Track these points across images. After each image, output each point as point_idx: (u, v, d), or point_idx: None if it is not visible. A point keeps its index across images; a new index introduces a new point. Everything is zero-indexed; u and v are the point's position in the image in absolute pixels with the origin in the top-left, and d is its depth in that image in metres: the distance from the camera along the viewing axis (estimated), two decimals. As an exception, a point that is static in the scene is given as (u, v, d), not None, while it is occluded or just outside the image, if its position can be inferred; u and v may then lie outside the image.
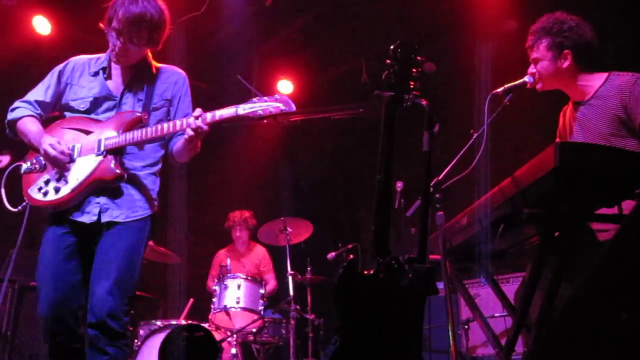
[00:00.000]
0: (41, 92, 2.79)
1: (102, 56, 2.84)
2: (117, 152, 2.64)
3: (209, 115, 2.53)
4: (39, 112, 2.78)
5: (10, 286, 5.05)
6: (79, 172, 2.62)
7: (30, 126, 2.73)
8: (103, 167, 2.61)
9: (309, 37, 6.11)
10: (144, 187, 2.72)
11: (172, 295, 6.03)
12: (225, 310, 4.61)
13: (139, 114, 2.67)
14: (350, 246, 5.09)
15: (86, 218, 2.59)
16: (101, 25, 2.72)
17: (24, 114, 2.76)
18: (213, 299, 4.75)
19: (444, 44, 5.68)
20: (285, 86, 6.67)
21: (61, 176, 2.63)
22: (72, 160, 2.65)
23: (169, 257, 5.16)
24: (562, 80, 2.66)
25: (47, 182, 2.65)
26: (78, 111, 2.74)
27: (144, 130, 2.61)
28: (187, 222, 7.23)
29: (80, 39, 5.97)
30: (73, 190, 2.59)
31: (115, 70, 2.79)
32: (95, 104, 2.73)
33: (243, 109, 2.52)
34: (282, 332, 4.89)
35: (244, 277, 4.80)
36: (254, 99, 2.54)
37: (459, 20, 5.25)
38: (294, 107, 2.51)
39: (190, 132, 2.53)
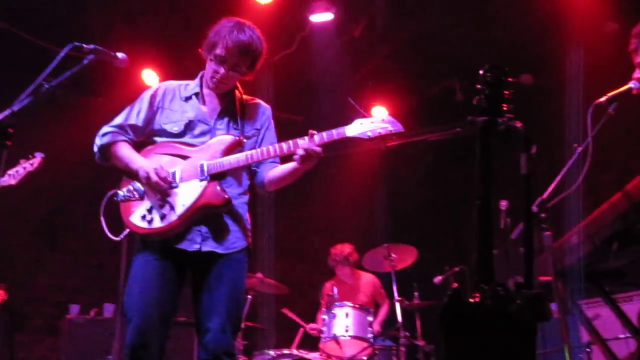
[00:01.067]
0: (133, 116, 2.74)
1: (191, 82, 2.82)
2: (219, 176, 2.57)
3: (316, 137, 2.46)
4: (130, 136, 2.73)
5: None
6: (185, 198, 2.53)
7: (126, 151, 2.67)
8: (209, 192, 2.53)
9: (399, 61, 6.15)
10: (240, 216, 2.66)
11: (282, 325, 6.16)
12: (335, 338, 4.65)
13: (238, 138, 2.62)
14: (456, 269, 4.97)
15: (187, 245, 2.53)
16: (200, 51, 2.73)
17: (117, 138, 2.70)
18: (322, 328, 4.80)
19: (539, 54, 5.50)
20: (379, 112, 6.72)
21: (165, 203, 2.54)
22: (173, 187, 2.57)
23: (277, 288, 5.30)
24: (671, 84, 2.49)
25: (150, 210, 2.57)
26: (170, 134, 2.70)
27: (248, 154, 2.55)
28: (294, 252, 7.42)
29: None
30: (180, 217, 2.51)
31: (208, 97, 2.76)
32: (189, 127, 2.68)
33: (351, 131, 2.47)
34: (392, 359, 4.84)
35: (351, 305, 4.82)
36: (359, 120, 2.48)
37: (553, 28, 5.07)
38: (402, 128, 2.48)
39: (301, 152, 2.45)
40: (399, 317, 4.88)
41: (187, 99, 2.76)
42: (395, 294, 5.01)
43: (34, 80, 2.21)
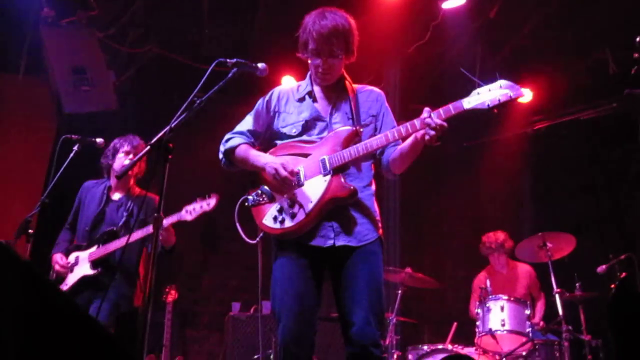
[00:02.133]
0: (251, 122, 2.85)
1: (302, 83, 2.88)
2: (342, 169, 2.60)
3: (434, 115, 2.41)
4: (252, 140, 2.83)
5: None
6: (311, 195, 2.59)
7: (250, 151, 2.77)
8: (334, 185, 2.57)
9: (540, 39, 5.77)
10: (367, 208, 2.67)
11: (435, 320, 6.09)
12: (491, 333, 4.49)
13: (354, 128, 2.64)
14: (622, 257, 4.56)
15: (321, 242, 2.57)
16: (298, 54, 2.78)
17: (240, 141, 2.81)
18: (477, 323, 4.66)
19: None
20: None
21: (294, 202, 2.61)
22: (300, 184, 2.63)
23: (428, 282, 5.24)
24: None
25: (280, 211, 2.63)
26: (290, 136, 2.75)
27: (367, 142, 2.57)
28: (442, 246, 7.29)
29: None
30: (309, 214, 2.56)
31: (319, 94, 2.81)
32: (307, 127, 2.74)
33: (468, 103, 2.40)
34: (555, 355, 4.55)
35: (507, 298, 4.63)
36: (476, 90, 2.41)
37: None
38: (521, 92, 2.38)
39: (430, 132, 2.40)
40: (560, 310, 4.58)
41: (301, 99, 2.82)
42: (554, 286, 4.72)
43: (186, 98, 2.41)
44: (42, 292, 0.96)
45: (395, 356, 4.86)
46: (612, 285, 1.75)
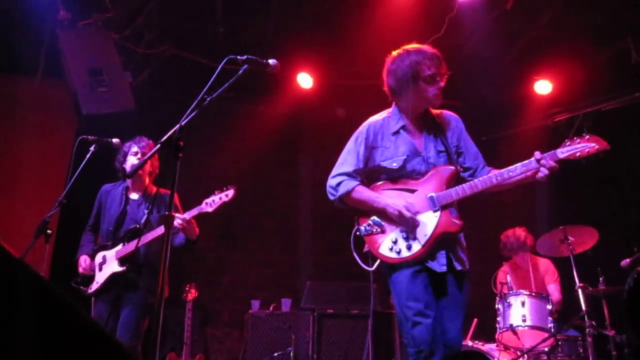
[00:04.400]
0: (354, 161, 3.03)
1: (392, 115, 3.07)
2: (449, 205, 2.89)
3: (543, 161, 2.80)
4: (359, 179, 3.04)
5: (311, 314, 5.66)
6: (425, 229, 2.86)
7: (367, 193, 2.98)
8: (445, 221, 2.86)
9: (560, 28, 5.66)
10: (461, 240, 3.01)
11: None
12: (512, 329, 4.43)
13: (454, 169, 2.93)
14: (647, 250, 4.45)
15: (438, 266, 2.86)
16: (392, 89, 2.99)
17: (353, 184, 3.00)
18: (498, 318, 4.60)
19: None
20: (542, 87, 6.28)
21: (408, 235, 2.88)
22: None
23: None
24: None
25: (395, 242, 2.90)
26: (390, 170, 2.98)
27: (474, 184, 2.86)
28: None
29: (339, 85, 6.55)
30: (424, 246, 2.85)
31: (410, 126, 3.03)
32: (407, 160, 2.95)
33: (562, 153, 2.80)
34: (578, 350, 4.48)
35: (528, 293, 4.56)
36: (567, 142, 2.79)
37: None
38: (607, 146, 2.76)
39: (545, 171, 2.79)
40: (583, 305, 4.49)
41: (395, 133, 3.02)
42: (577, 280, 4.63)
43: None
44: (61, 315, 0.93)
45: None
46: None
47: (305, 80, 6.40)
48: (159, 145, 2.26)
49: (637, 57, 5.38)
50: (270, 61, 2.63)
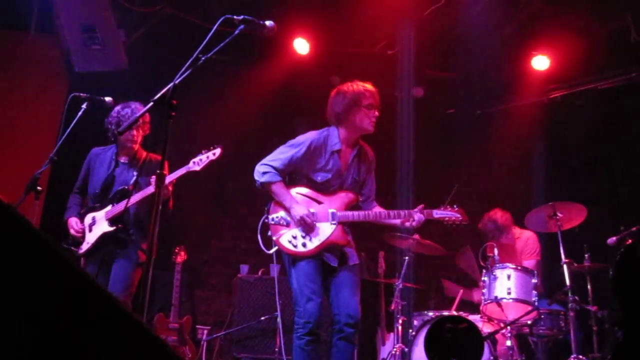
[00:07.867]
0: (284, 162, 3.58)
1: (332, 137, 3.63)
2: (343, 223, 3.59)
3: (432, 213, 3.77)
4: (281, 178, 3.60)
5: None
6: (320, 235, 3.53)
7: (282, 191, 3.57)
8: (337, 233, 3.57)
9: (558, 3, 5.60)
10: (352, 242, 3.71)
11: (439, 286, 6.10)
12: (496, 301, 4.49)
13: (355, 197, 3.68)
14: (634, 229, 4.49)
15: (332, 261, 3.56)
16: (337, 113, 3.62)
17: (275, 180, 3.57)
18: (483, 290, 4.66)
19: None
20: (540, 62, 6.23)
21: (305, 235, 3.52)
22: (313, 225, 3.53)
23: (434, 249, 5.23)
24: None
25: (294, 237, 3.52)
26: (313, 181, 3.60)
27: (370, 213, 3.66)
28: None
29: (335, 52, 6.47)
30: (316, 247, 3.53)
31: (343, 151, 3.63)
32: (330, 179, 3.59)
33: (436, 214, 3.77)
34: (560, 324, 4.56)
35: (514, 267, 4.61)
36: (442, 207, 3.83)
37: None
38: (467, 220, 3.87)
39: (414, 224, 3.66)
40: (567, 280, 4.56)
41: (332, 153, 3.61)
42: (563, 256, 4.68)
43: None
44: (58, 268, 0.92)
45: (400, 321, 4.90)
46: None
47: (301, 46, 6.31)
48: (151, 103, 2.24)
49: (637, 35, 5.34)
50: (267, 23, 2.60)
